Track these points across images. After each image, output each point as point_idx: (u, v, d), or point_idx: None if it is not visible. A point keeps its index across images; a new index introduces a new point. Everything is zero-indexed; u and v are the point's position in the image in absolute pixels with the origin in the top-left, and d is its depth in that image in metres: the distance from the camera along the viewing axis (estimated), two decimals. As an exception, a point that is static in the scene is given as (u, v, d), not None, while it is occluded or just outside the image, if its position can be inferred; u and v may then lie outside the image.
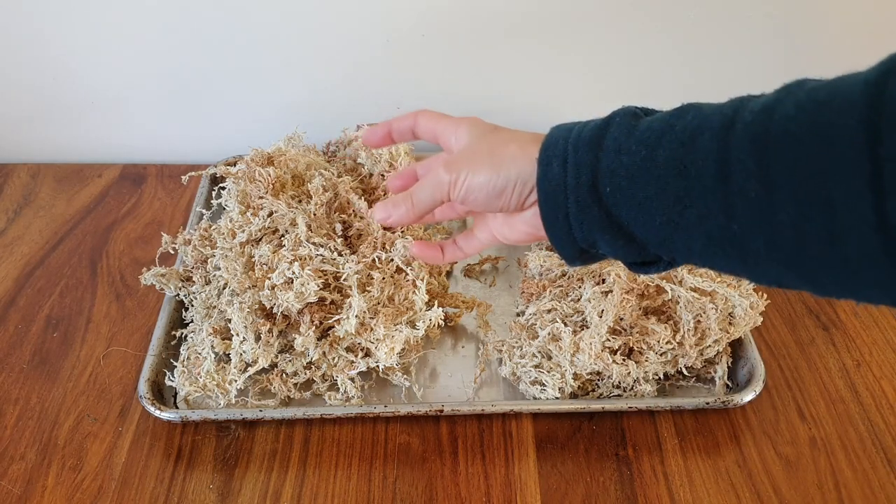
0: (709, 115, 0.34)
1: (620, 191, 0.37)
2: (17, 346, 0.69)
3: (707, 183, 0.33)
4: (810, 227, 0.30)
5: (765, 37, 0.84)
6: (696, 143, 0.34)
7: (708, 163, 0.33)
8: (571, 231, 0.40)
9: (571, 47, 0.85)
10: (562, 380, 0.63)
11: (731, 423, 0.63)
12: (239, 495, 0.58)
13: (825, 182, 0.29)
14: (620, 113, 0.39)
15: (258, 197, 0.70)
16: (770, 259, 0.33)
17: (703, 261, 0.37)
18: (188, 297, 0.70)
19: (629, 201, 0.37)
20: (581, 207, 0.39)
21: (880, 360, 0.68)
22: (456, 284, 0.76)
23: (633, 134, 0.37)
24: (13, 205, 0.86)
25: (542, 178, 0.40)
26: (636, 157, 0.36)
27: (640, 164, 0.36)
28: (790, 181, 0.30)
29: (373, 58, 0.86)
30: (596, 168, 0.38)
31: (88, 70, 0.87)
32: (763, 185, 0.31)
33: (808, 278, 0.32)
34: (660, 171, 0.35)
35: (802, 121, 0.30)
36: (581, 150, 0.39)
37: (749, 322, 0.65)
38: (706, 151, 0.33)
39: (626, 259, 0.41)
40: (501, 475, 0.59)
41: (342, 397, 0.63)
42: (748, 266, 0.34)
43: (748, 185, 0.31)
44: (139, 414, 0.63)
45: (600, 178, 0.38)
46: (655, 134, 0.36)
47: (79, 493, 0.58)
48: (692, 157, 0.34)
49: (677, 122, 0.35)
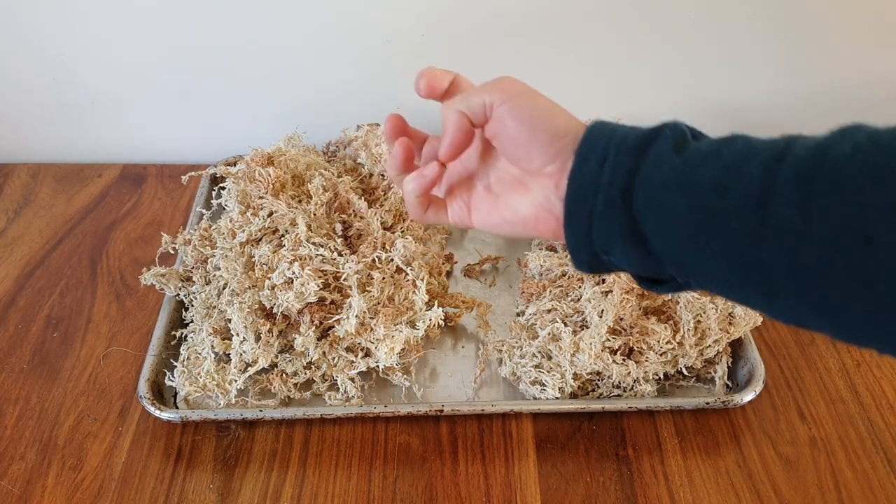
0: (758, 146, 0.34)
1: (651, 200, 0.36)
2: (17, 346, 0.69)
3: (744, 206, 0.33)
4: (845, 261, 0.30)
5: (765, 38, 0.84)
6: (741, 169, 0.33)
7: (750, 187, 0.33)
8: (591, 231, 0.39)
9: (571, 47, 0.85)
10: (562, 380, 0.63)
11: (731, 423, 0.63)
12: (239, 495, 0.58)
13: (869, 220, 0.29)
14: (671, 126, 0.38)
15: (258, 197, 0.70)
16: (795, 294, 0.32)
17: (720, 287, 0.36)
18: (188, 297, 0.70)
19: (658, 212, 0.36)
20: (608, 209, 0.38)
21: (880, 360, 0.68)
22: (456, 284, 0.76)
23: (679, 150, 0.36)
24: (13, 205, 0.86)
25: (576, 171, 0.39)
26: (676, 171, 0.36)
27: (678, 177, 0.35)
28: (832, 215, 0.30)
29: (373, 58, 0.86)
30: (633, 174, 0.37)
31: (88, 70, 0.87)
32: (802, 216, 0.31)
33: (833, 319, 0.32)
34: (697, 188, 0.35)
35: (857, 160, 0.30)
36: (623, 154, 0.38)
37: (749, 322, 0.65)
38: (750, 177, 0.33)
39: (638, 272, 0.40)
40: (501, 475, 0.59)
41: (342, 397, 0.63)
42: (768, 298, 0.34)
43: (786, 213, 0.31)
44: (139, 414, 0.63)
45: (635, 183, 0.37)
46: (701, 155, 0.36)
47: (79, 493, 0.58)
48: (734, 180, 0.33)
49: (725, 147, 0.35)
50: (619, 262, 0.40)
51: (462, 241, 0.81)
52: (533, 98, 0.41)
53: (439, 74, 0.44)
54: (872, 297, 0.29)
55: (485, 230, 0.46)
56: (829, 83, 0.89)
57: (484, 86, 0.41)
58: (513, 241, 0.80)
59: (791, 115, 0.90)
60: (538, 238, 0.46)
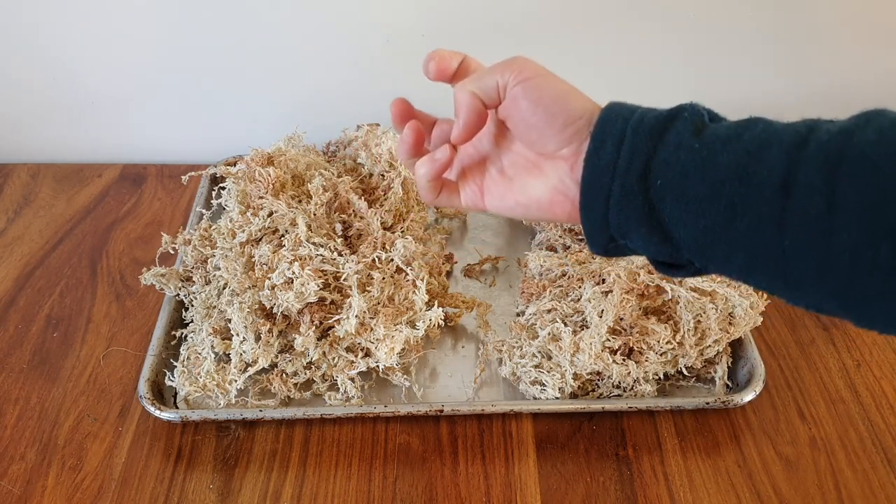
0: (780, 130, 0.34)
1: (671, 186, 0.36)
2: (17, 346, 0.69)
3: (767, 193, 0.32)
4: (871, 253, 0.29)
5: (765, 38, 0.84)
6: (762, 154, 0.33)
7: (773, 174, 0.32)
8: (608, 216, 0.38)
9: (571, 47, 0.85)
10: (562, 380, 0.63)
11: (731, 423, 0.63)
12: (239, 495, 0.58)
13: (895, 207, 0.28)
14: (689, 108, 0.37)
15: (258, 197, 0.70)
16: (816, 282, 0.32)
17: (739, 273, 0.36)
18: (188, 297, 0.70)
19: (677, 199, 0.36)
20: (625, 194, 0.37)
21: (880, 360, 0.68)
22: (456, 284, 0.76)
23: (698, 134, 0.36)
24: (13, 205, 0.86)
25: (592, 154, 0.38)
26: (696, 155, 0.35)
27: (699, 163, 0.35)
28: (858, 204, 0.29)
29: (373, 58, 0.86)
30: (651, 158, 0.36)
31: (88, 70, 0.87)
32: (827, 204, 0.30)
33: (854, 307, 0.31)
34: (718, 174, 0.34)
35: (882, 147, 0.29)
36: (640, 137, 0.37)
37: (749, 322, 0.65)
38: (772, 162, 0.32)
39: (655, 257, 0.39)
40: (501, 475, 0.59)
41: (342, 397, 0.63)
42: (789, 286, 0.33)
43: (811, 202, 0.31)
44: (139, 414, 0.63)
45: (653, 168, 0.36)
46: (721, 139, 0.35)
47: (79, 493, 0.58)
48: (757, 166, 0.33)
49: (745, 131, 0.35)
50: (635, 247, 0.39)
51: (462, 241, 0.81)
52: (548, 79, 0.40)
53: (448, 56, 0.43)
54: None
55: (498, 213, 0.45)
56: (829, 83, 0.89)
57: (497, 65, 0.41)
58: (513, 241, 0.80)
59: (791, 115, 0.89)
60: (553, 220, 0.45)
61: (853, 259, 0.30)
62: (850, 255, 0.30)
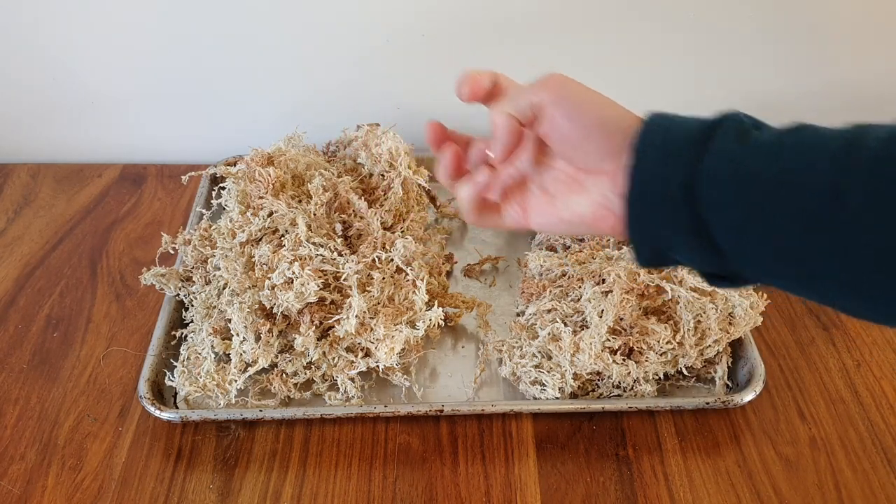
0: (826, 136, 0.33)
1: (717, 196, 0.35)
2: (17, 346, 0.69)
3: (814, 200, 0.32)
4: None
5: (766, 37, 0.84)
6: (810, 161, 0.33)
7: (821, 181, 0.32)
8: (653, 228, 0.38)
9: (571, 47, 0.85)
10: (562, 380, 0.63)
11: (731, 423, 0.63)
12: (239, 495, 0.58)
13: None
14: (731, 117, 0.37)
15: (258, 197, 0.70)
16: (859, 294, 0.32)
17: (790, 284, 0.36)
18: (188, 297, 0.70)
19: (723, 208, 0.35)
20: (670, 206, 0.37)
21: (880, 360, 0.68)
22: (456, 284, 0.76)
23: (743, 142, 0.35)
24: (13, 205, 0.86)
25: (634, 168, 0.37)
26: (741, 166, 0.35)
27: (743, 173, 0.34)
28: None
29: (373, 58, 0.86)
30: (695, 168, 0.36)
31: (88, 70, 0.87)
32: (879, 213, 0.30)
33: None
34: (764, 184, 0.34)
35: None
36: (683, 148, 0.36)
37: (749, 322, 0.65)
38: (820, 169, 0.32)
39: (703, 269, 0.39)
40: (501, 475, 0.59)
41: (342, 397, 0.63)
42: (860, 296, 0.33)
43: (861, 209, 0.31)
44: (139, 414, 0.63)
45: (698, 179, 0.36)
46: (766, 147, 0.35)
47: (79, 493, 0.58)
48: (803, 174, 0.33)
49: (790, 139, 0.34)
50: (682, 259, 0.39)
51: (462, 241, 0.81)
52: (583, 95, 0.40)
53: (479, 78, 0.43)
54: None
55: (544, 231, 0.45)
56: (829, 83, 0.89)
57: (532, 85, 0.41)
58: (513, 241, 0.80)
59: (791, 115, 0.89)
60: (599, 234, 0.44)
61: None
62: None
